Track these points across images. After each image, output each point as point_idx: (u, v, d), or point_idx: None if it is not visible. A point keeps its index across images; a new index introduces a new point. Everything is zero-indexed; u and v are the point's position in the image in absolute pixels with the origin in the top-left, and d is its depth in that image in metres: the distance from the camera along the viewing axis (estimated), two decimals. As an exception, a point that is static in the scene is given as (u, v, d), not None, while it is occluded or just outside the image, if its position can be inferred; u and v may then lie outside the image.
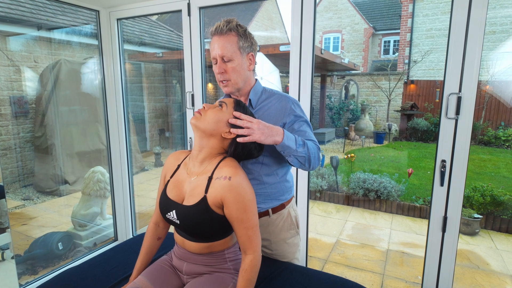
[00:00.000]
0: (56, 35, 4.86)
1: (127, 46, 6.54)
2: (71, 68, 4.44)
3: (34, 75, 4.57)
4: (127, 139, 2.68)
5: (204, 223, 1.03)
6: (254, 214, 1.05)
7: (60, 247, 2.67)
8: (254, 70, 1.27)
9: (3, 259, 1.88)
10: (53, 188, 4.30)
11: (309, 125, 1.26)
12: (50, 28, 4.72)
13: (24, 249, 2.71)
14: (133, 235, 2.78)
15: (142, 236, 1.75)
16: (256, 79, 1.29)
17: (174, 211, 1.07)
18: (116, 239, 2.81)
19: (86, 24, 4.93)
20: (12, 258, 1.93)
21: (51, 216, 3.74)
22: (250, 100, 1.25)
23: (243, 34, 1.18)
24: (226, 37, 1.15)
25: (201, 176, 1.07)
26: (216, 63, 1.18)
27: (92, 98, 4.52)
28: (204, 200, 1.02)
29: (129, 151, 2.71)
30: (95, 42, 2.58)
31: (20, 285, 2.10)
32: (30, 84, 4.59)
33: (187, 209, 1.04)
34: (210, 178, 1.04)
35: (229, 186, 1.00)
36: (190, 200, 1.05)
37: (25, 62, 4.48)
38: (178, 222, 1.07)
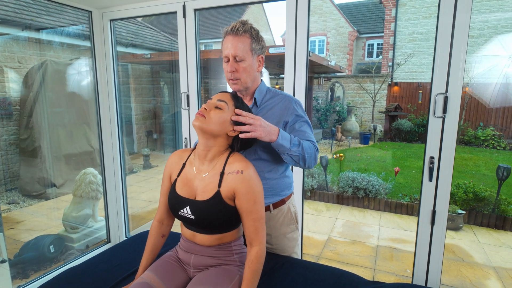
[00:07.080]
0: (42, 35, 4.76)
1: (114, 47, 6.45)
2: (57, 69, 4.36)
3: (18, 76, 4.46)
4: (120, 141, 2.67)
5: (219, 214, 1.07)
6: (262, 206, 1.10)
7: (52, 250, 2.63)
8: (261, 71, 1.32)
9: (-6, 263, 1.84)
10: (39, 191, 4.20)
11: (309, 126, 1.31)
12: (36, 29, 4.62)
13: (13, 253, 2.65)
14: (126, 237, 2.77)
15: (137, 237, 1.76)
16: (262, 80, 1.34)
17: (187, 207, 1.10)
18: (108, 241, 2.78)
19: (73, 25, 4.85)
20: (3, 262, 1.89)
21: (39, 219, 3.65)
22: (255, 98, 1.30)
23: (256, 37, 1.23)
24: (240, 38, 1.20)
25: (212, 172, 1.11)
26: (228, 61, 1.22)
27: (79, 99, 4.44)
28: (218, 193, 1.07)
29: (122, 152, 2.70)
30: (82, 43, 2.56)
31: (13, 289, 2.06)
32: (13, 85, 4.47)
33: (202, 204, 1.08)
34: (222, 174, 1.09)
35: (242, 179, 1.06)
36: (204, 195, 1.09)
37: (8, 63, 4.37)
38: (193, 218, 1.10)
